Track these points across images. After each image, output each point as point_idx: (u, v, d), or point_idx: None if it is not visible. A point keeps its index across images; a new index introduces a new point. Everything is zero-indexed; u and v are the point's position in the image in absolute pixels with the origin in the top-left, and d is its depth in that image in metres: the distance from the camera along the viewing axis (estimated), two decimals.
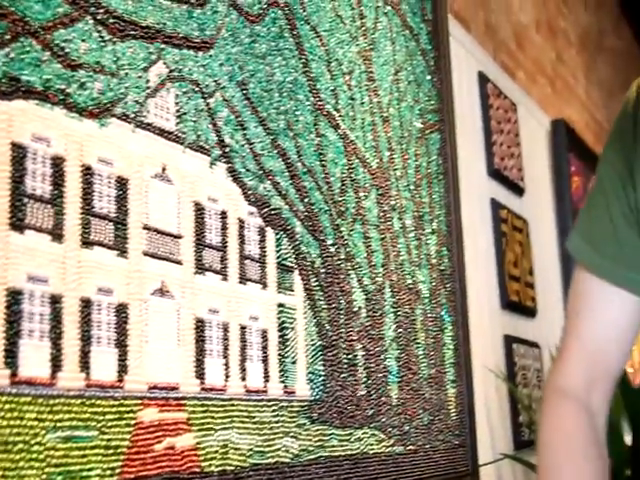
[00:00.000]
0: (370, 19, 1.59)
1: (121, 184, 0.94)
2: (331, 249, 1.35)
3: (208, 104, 1.10)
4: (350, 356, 1.35)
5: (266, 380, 1.15)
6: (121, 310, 0.92)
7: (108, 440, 0.87)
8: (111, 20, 0.95)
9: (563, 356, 1.00)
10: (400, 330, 1.52)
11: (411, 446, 1.50)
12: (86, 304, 0.88)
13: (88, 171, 0.91)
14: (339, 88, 1.44)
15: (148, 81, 1.00)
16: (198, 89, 1.09)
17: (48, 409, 0.81)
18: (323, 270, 1.32)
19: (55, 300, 0.84)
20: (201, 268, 1.06)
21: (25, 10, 0.85)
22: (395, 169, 1.61)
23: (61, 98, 0.88)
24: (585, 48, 3.68)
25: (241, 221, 1.15)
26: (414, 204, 1.66)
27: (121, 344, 0.92)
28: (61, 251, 0.86)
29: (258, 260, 1.17)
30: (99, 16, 0.94)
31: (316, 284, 1.30)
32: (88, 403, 0.86)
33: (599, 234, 0.99)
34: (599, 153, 3.15)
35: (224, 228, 1.11)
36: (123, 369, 0.91)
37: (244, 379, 1.11)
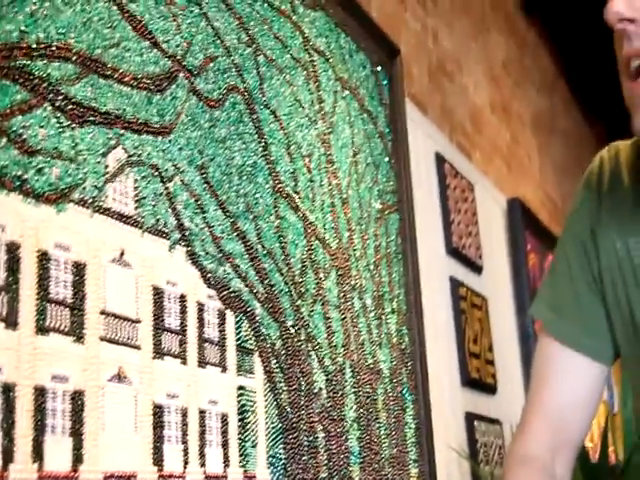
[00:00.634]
0: (329, 103, 1.63)
1: (78, 269, 0.94)
2: (291, 330, 1.35)
3: (167, 188, 1.11)
4: (311, 438, 1.34)
5: (226, 465, 1.13)
6: (77, 397, 0.91)
7: None
8: (70, 106, 0.97)
9: (526, 423, 0.99)
10: (361, 410, 1.51)
11: None
12: (40, 392, 0.86)
13: (44, 256, 0.90)
14: (298, 171, 1.47)
15: (107, 166, 1.01)
16: (157, 173, 1.10)
17: None
18: (283, 352, 1.31)
19: (8, 389, 0.83)
20: (160, 352, 1.05)
21: None
22: (355, 249, 1.62)
23: (17, 184, 0.88)
24: (538, 129, 3.79)
25: (200, 304, 1.14)
26: (374, 284, 1.67)
27: (76, 433, 0.90)
28: (15, 338, 0.85)
29: (217, 343, 1.16)
30: (58, 102, 0.95)
31: (276, 366, 1.29)
32: None
33: (562, 301, 1.00)
34: (554, 231, 3.19)
35: (183, 312, 1.11)
36: (78, 458, 0.89)
37: (203, 465, 1.09)
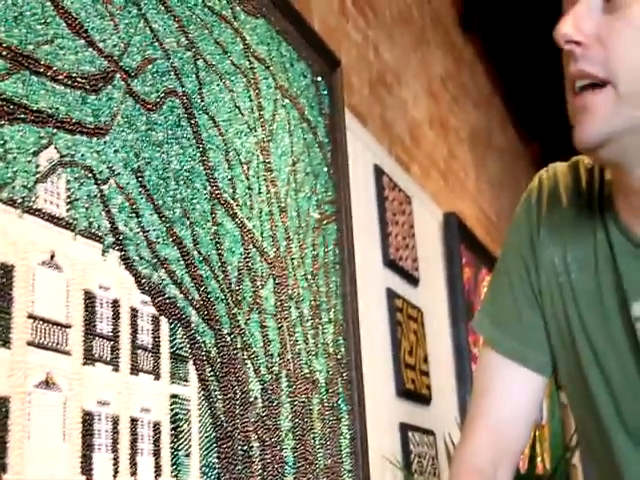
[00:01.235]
0: (268, 111, 1.62)
1: (5, 271, 0.91)
2: (227, 338, 1.33)
3: (101, 190, 1.09)
4: (245, 447, 1.32)
5: (157, 474, 1.10)
6: (1, 404, 0.87)
7: None
8: None
9: (469, 432, 1.02)
10: (296, 420, 1.50)
11: None
12: None
13: None
14: (237, 178, 1.45)
15: (38, 166, 0.98)
16: (91, 175, 1.07)
17: None
18: (219, 360, 1.30)
19: None
20: (90, 358, 1.02)
21: None
22: (292, 258, 1.61)
23: None
24: (475, 145, 3.85)
25: (134, 310, 1.12)
26: (311, 293, 1.66)
27: (0, 441, 0.86)
28: None
29: (151, 350, 1.14)
30: None
31: (211, 374, 1.27)
32: None
33: (503, 314, 1.02)
34: (489, 245, 3.24)
35: (116, 317, 1.08)
36: (2, 467, 0.86)
37: (134, 474, 1.06)
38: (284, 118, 1.69)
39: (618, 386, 0.91)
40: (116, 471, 1.03)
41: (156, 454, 1.11)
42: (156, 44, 1.26)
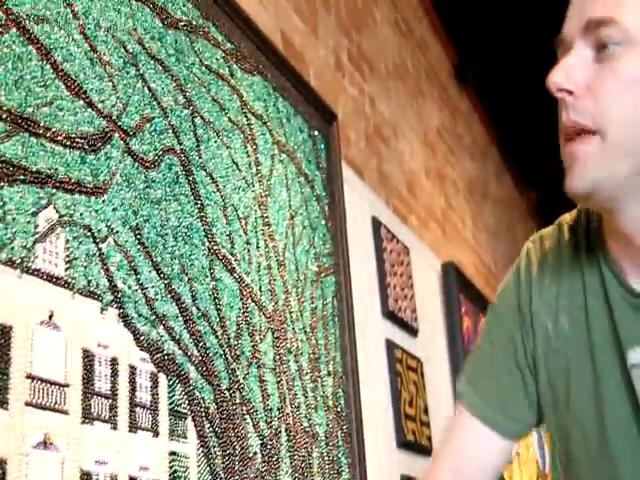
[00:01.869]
0: (266, 166, 1.64)
1: (4, 332, 0.91)
2: (226, 394, 1.33)
3: (100, 249, 1.09)
4: None
5: None
6: None
7: None
8: None
9: (431, 474, 1.06)
10: (296, 475, 1.49)
11: None
12: None
13: None
14: (235, 233, 1.46)
15: (37, 226, 0.99)
16: (90, 234, 1.08)
17: None
18: (217, 415, 1.29)
19: None
20: (89, 417, 1.02)
21: None
22: (291, 312, 1.61)
23: None
24: (472, 195, 3.88)
25: (132, 367, 1.12)
26: (310, 346, 1.66)
27: None
28: None
29: (149, 407, 1.14)
30: None
31: (210, 430, 1.26)
32: None
33: (483, 381, 1.05)
34: (487, 294, 3.23)
35: (114, 375, 1.08)
36: None
37: None
38: (281, 173, 1.70)
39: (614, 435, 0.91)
40: None
41: None
42: (154, 103, 1.28)
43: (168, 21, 1.36)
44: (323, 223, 1.86)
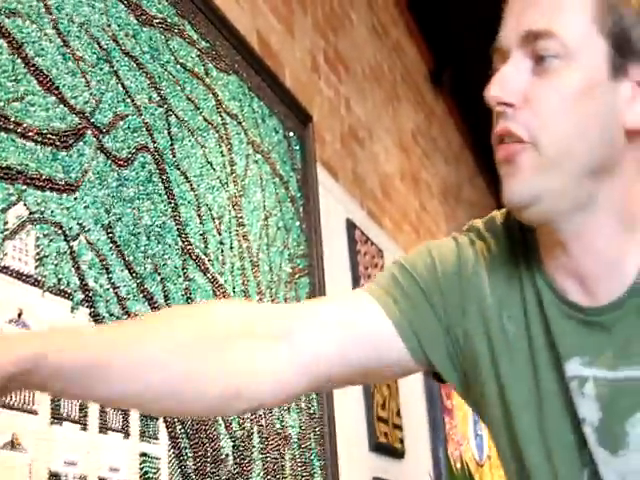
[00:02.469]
0: (240, 166, 1.63)
1: None
2: None
3: (71, 247, 1.08)
4: None
5: None
6: None
7: None
8: None
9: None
10: (268, 477, 1.48)
11: None
12: None
13: None
14: (209, 233, 1.45)
15: (6, 222, 0.97)
16: (61, 232, 1.06)
17: None
18: None
19: None
20: (58, 418, 1.00)
21: None
22: None
23: None
24: (445, 199, 3.89)
25: None
26: None
27: None
28: None
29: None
30: None
31: (182, 432, 1.25)
32: None
33: (404, 300, 0.89)
34: None
35: None
36: None
37: None
38: (256, 173, 1.69)
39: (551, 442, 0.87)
40: None
41: None
42: (128, 100, 1.27)
43: (143, 18, 1.35)
44: (297, 224, 1.85)
